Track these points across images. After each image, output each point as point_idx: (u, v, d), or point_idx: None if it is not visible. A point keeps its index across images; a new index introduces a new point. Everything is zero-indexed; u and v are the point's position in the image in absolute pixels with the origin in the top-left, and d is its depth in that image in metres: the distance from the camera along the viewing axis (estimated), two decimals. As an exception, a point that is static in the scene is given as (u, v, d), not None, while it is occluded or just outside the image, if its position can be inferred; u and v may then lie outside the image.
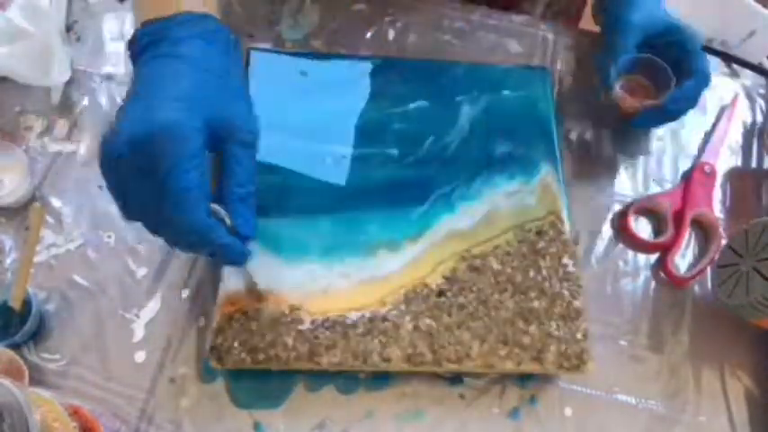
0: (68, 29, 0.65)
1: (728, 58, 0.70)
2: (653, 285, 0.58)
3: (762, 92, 0.69)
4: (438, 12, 0.69)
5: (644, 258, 0.59)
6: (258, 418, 0.50)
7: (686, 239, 0.59)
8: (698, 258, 0.59)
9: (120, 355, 0.51)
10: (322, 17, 0.67)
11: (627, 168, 0.63)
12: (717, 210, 0.61)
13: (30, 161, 0.57)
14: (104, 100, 0.61)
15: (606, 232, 0.60)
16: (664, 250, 0.59)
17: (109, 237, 0.55)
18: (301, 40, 0.66)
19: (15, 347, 0.50)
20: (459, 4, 0.69)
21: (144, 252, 0.55)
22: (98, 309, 0.53)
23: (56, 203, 0.56)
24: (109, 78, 0.62)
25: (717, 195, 0.62)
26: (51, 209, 0.56)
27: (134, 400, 0.50)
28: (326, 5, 0.68)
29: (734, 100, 0.67)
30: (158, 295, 0.53)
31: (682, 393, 0.54)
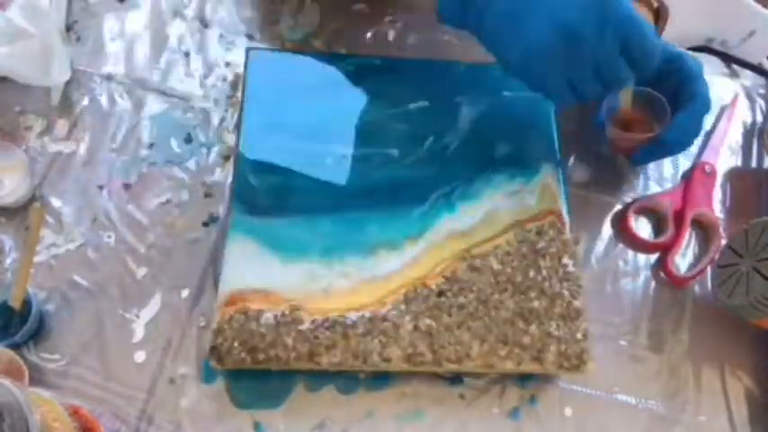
0: (68, 29, 0.65)
1: (728, 58, 0.70)
2: (653, 285, 0.58)
3: (762, 92, 0.69)
4: (438, 12, 0.69)
5: (644, 258, 0.59)
6: (258, 418, 0.50)
7: (686, 239, 0.59)
8: (698, 258, 0.59)
9: (120, 355, 0.51)
10: (322, 17, 0.67)
11: (627, 168, 0.63)
12: (717, 210, 0.61)
13: (30, 161, 0.57)
14: (104, 100, 0.61)
15: (606, 232, 0.60)
16: (664, 250, 0.59)
17: (109, 237, 0.55)
18: (301, 40, 0.66)
19: (15, 347, 0.50)
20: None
21: (144, 252, 0.55)
22: (98, 309, 0.53)
23: (56, 203, 0.56)
24: (109, 78, 0.62)
25: (717, 195, 0.62)
26: (51, 209, 0.56)
27: (134, 400, 0.50)
28: (326, 5, 0.68)
29: (734, 100, 0.67)
30: (158, 295, 0.53)
31: (682, 393, 0.54)
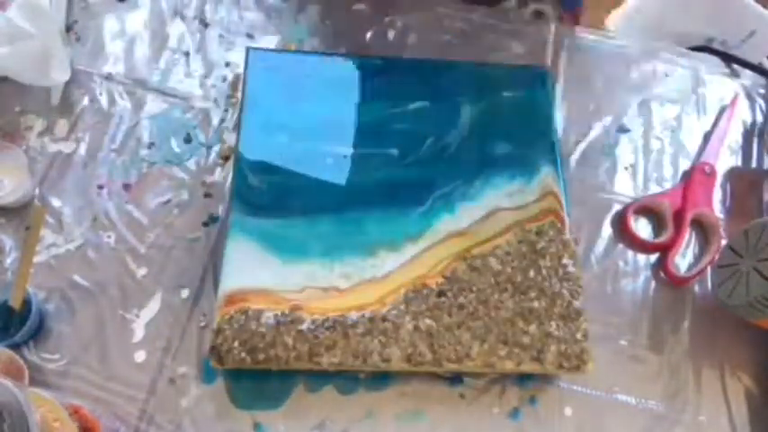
0: (68, 29, 0.65)
1: (728, 58, 0.70)
2: (653, 285, 0.58)
3: (762, 92, 0.69)
4: (438, 12, 0.69)
5: (644, 258, 0.59)
6: (258, 419, 0.50)
7: (686, 239, 0.59)
8: (698, 258, 0.59)
9: (120, 355, 0.51)
10: (322, 17, 0.68)
11: (627, 168, 0.63)
12: (717, 210, 0.61)
13: (30, 161, 0.57)
14: (104, 100, 0.61)
15: (606, 232, 0.60)
16: (664, 250, 0.59)
17: (109, 237, 0.55)
18: (301, 40, 0.66)
19: (15, 347, 0.50)
20: (459, 4, 0.69)
21: (144, 252, 0.55)
22: (98, 309, 0.53)
23: (56, 203, 0.56)
24: (109, 78, 0.62)
25: (717, 195, 0.62)
26: (51, 209, 0.56)
27: (134, 400, 0.50)
28: (326, 5, 0.68)
29: (733, 100, 0.67)
30: (158, 295, 0.53)
31: (682, 393, 0.54)
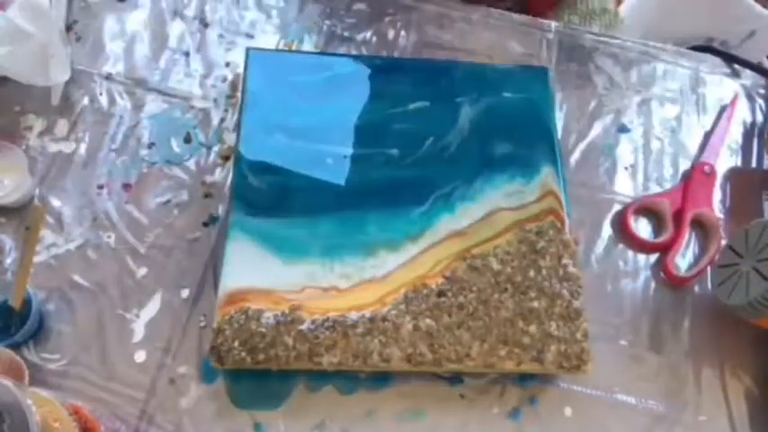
0: (68, 29, 0.65)
1: (728, 58, 0.70)
2: (653, 285, 0.58)
3: (762, 92, 0.69)
4: (438, 12, 0.69)
5: (644, 258, 0.59)
6: (258, 419, 0.50)
7: (686, 239, 0.59)
8: (698, 258, 0.59)
9: (120, 355, 0.51)
10: (322, 17, 0.67)
11: (627, 168, 0.63)
12: (717, 210, 0.61)
13: (30, 161, 0.57)
14: (104, 100, 0.61)
15: (606, 232, 0.60)
16: (664, 250, 0.59)
17: (109, 237, 0.55)
18: (301, 40, 0.66)
19: (15, 347, 0.50)
20: (459, 4, 0.69)
21: (144, 252, 0.55)
22: (98, 309, 0.53)
23: (56, 203, 0.57)
24: (109, 78, 0.62)
25: (717, 195, 0.62)
26: (51, 209, 0.56)
27: (134, 400, 0.50)
28: (327, 5, 0.68)
29: (733, 100, 0.67)
30: (158, 295, 0.53)
31: (682, 393, 0.54)
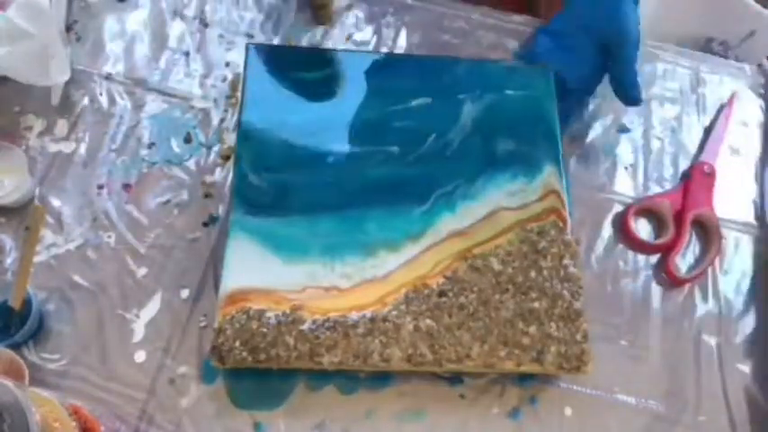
0: (68, 29, 0.65)
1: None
2: (653, 285, 0.58)
3: (762, 92, 0.69)
4: (438, 12, 0.69)
5: (644, 258, 0.59)
6: (258, 418, 0.50)
7: (687, 240, 0.59)
8: (698, 258, 0.59)
9: (120, 355, 0.51)
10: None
11: (627, 168, 0.63)
12: (717, 210, 0.61)
13: (30, 161, 0.57)
14: (104, 100, 0.61)
15: (606, 232, 0.60)
16: (665, 251, 0.59)
17: (109, 237, 0.55)
18: (301, 41, 0.66)
19: (15, 347, 0.50)
20: (459, 4, 0.69)
21: (144, 252, 0.55)
22: (98, 309, 0.53)
23: (56, 203, 0.56)
24: (109, 78, 0.62)
25: (717, 195, 0.62)
26: (51, 209, 0.56)
27: (134, 400, 0.50)
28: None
29: (730, 99, 0.66)
30: (158, 295, 0.53)
31: (682, 393, 0.54)
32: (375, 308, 0.50)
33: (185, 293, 0.54)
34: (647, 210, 0.60)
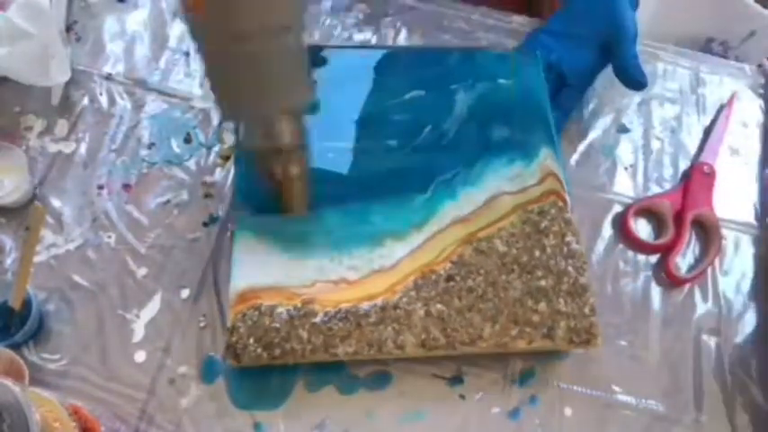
0: (68, 29, 0.65)
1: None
2: (653, 285, 0.58)
3: (762, 92, 0.69)
4: (438, 12, 0.69)
5: (644, 258, 0.59)
6: (258, 419, 0.50)
7: (687, 240, 0.59)
8: (698, 258, 0.59)
9: (120, 355, 0.51)
10: (322, 17, 0.67)
11: (627, 168, 0.63)
12: (717, 210, 0.61)
13: (30, 161, 0.57)
14: (104, 100, 0.61)
15: (606, 232, 0.60)
16: (665, 252, 0.59)
17: (109, 237, 0.55)
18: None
19: (15, 347, 0.50)
20: (459, 4, 0.69)
21: (144, 252, 0.55)
22: (98, 309, 0.53)
23: (56, 203, 0.56)
24: (109, 78, 0.62)
25: (717, 195, 0.62)
26: (51, 209, 0.56)
27: (134, 400, 0.50)
28: (327, 6, 0.68)
29: (730, 100, 0.66)
30: (158, 295, 0.53)
31: (682, 393, 0.54)
32: (385, 296, 0.50)
33: (185, 293, 0.54)
34: (647, 210, 0.60)
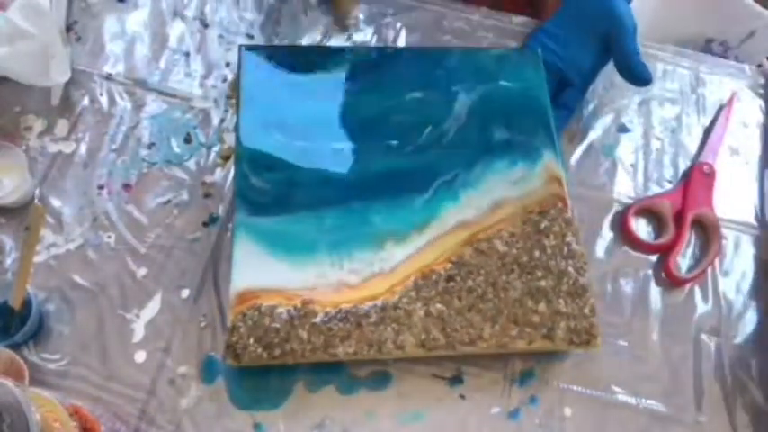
0: (68, 29, 0.65)
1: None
2: (653, 285, 0.58)
3: (761, 92, 0.69)
4: (438, 12, 0.69)
5: (644, 258, 0.59)
6: (258, 419, 0.50)
7: (687, 240, 0.59)
8: (698, 258, 0.59)
9: (120, 355, 0.51)
10: (322, 17, 0.67)
11: (627, 168, 0.63)
12: (717, 210, 0.61)
13: (30, 161, 0.57)
14: (104, 100, 0.61)
15: (606, 232, 0.60)
16: (665, 252, 0.59)
17: (109, 237, 0.55)
18: (302, 41, 0.66)
19: (15, 347, 0.50)
20: (459, 4, 0.69)
21: (144, 252, 0.55)
22: (98, 309, 0.53)
23: (56, 203, 0.57)
24: (109, 78, 0.62)
25: (717, 195, 0.62)
26: (51, 209, 0.56)
27: (134, 400, 0.50)
28: (326, 6, 0.68)
29: (730, 100, 0.67)
30: (158, 295, 0.53)
31: (682, 393, 0.54)
32: (385, 297, 0.50)
33: (185, 293, 0.54)
34: (647, 210, 0.60)
